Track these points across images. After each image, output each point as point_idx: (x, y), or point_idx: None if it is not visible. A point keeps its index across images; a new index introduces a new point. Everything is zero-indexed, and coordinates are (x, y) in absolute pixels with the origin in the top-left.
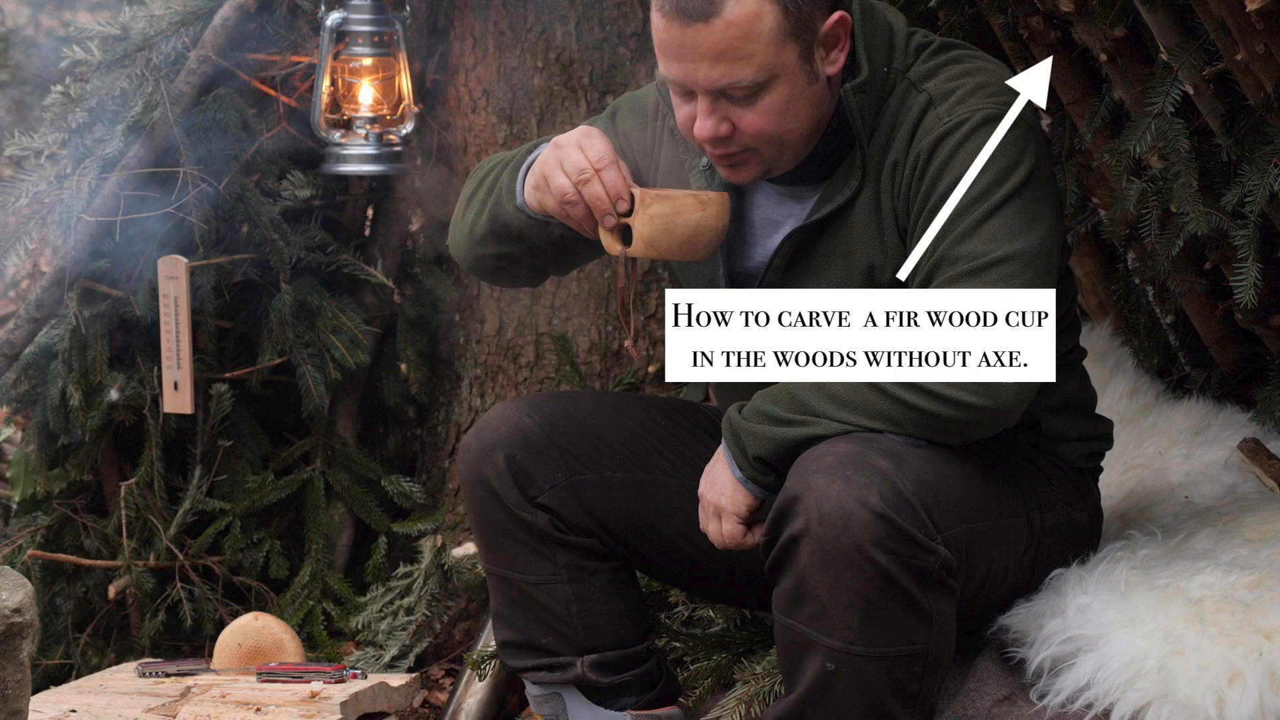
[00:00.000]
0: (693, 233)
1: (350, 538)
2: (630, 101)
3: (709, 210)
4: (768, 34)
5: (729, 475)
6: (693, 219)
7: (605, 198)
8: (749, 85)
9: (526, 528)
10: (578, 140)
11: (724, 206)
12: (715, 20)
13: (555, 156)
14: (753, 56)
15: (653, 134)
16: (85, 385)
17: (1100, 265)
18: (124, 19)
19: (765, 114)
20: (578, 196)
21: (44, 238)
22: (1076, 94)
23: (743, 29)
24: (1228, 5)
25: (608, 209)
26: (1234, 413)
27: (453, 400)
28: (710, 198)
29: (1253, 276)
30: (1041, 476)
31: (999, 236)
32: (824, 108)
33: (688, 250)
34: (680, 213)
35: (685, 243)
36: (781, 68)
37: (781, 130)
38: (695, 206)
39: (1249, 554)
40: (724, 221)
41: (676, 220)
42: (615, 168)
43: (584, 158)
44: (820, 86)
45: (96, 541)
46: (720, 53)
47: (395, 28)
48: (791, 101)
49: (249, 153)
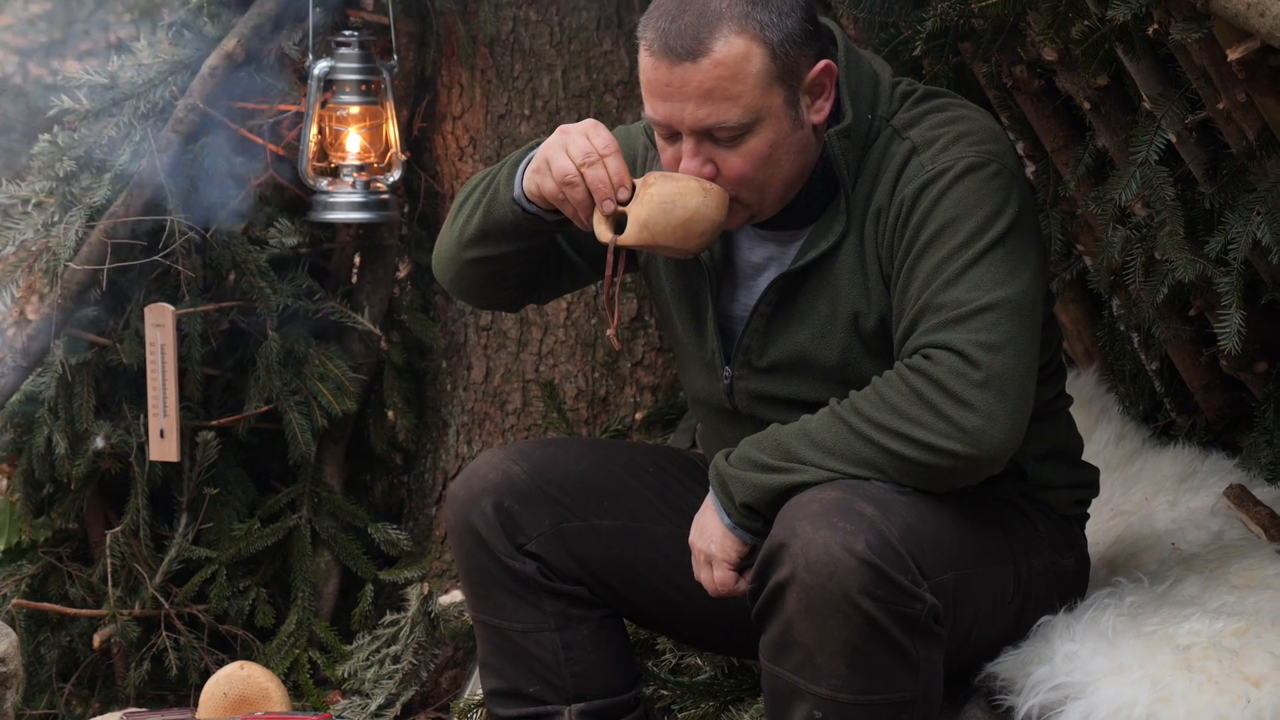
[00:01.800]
0: (690, 216)
1: (337, 585)
2: (622, 134)
3: (710, 199)
4: (755, 76)
5: (718, 522)
6: (693, 202)
7: (608, 181)
8: (734, 126)
9: (514, 575)
10: (585, 129)
11: (724, 200)
12: (703, 60)
13: (561, 141)
14: (739, 98)
15: (641, 162)
16: (71, 433)
17: (1085, 312)
18: (112, 68)
19: (749, 157)
20: (579, 178)
21: (31, 286)
22: (1060, 142)
23: (730, 70)
24: (1209, 54)
25: (609, 193)
26: (1220, 459)
27: (440, 447)
28: (712, 187)
29: (1236, 323)
30: (1028, 523)
31: (983, 284)
32: (808, 155)
33: (681, 236)
34: (682, 194)
35: (681, 226)
36: (767, 111)
37: (764, 175)
38: (698, 190)
39: (1236, 601)
40: (722, 215)
41: (677, 201)
42: (619, 157)
43: (590, 144)
44: (805, 134)
45: (81, 590)
46: (707, 93)
47: (382, 76)
48: (775, 146)
49: (236, 200)
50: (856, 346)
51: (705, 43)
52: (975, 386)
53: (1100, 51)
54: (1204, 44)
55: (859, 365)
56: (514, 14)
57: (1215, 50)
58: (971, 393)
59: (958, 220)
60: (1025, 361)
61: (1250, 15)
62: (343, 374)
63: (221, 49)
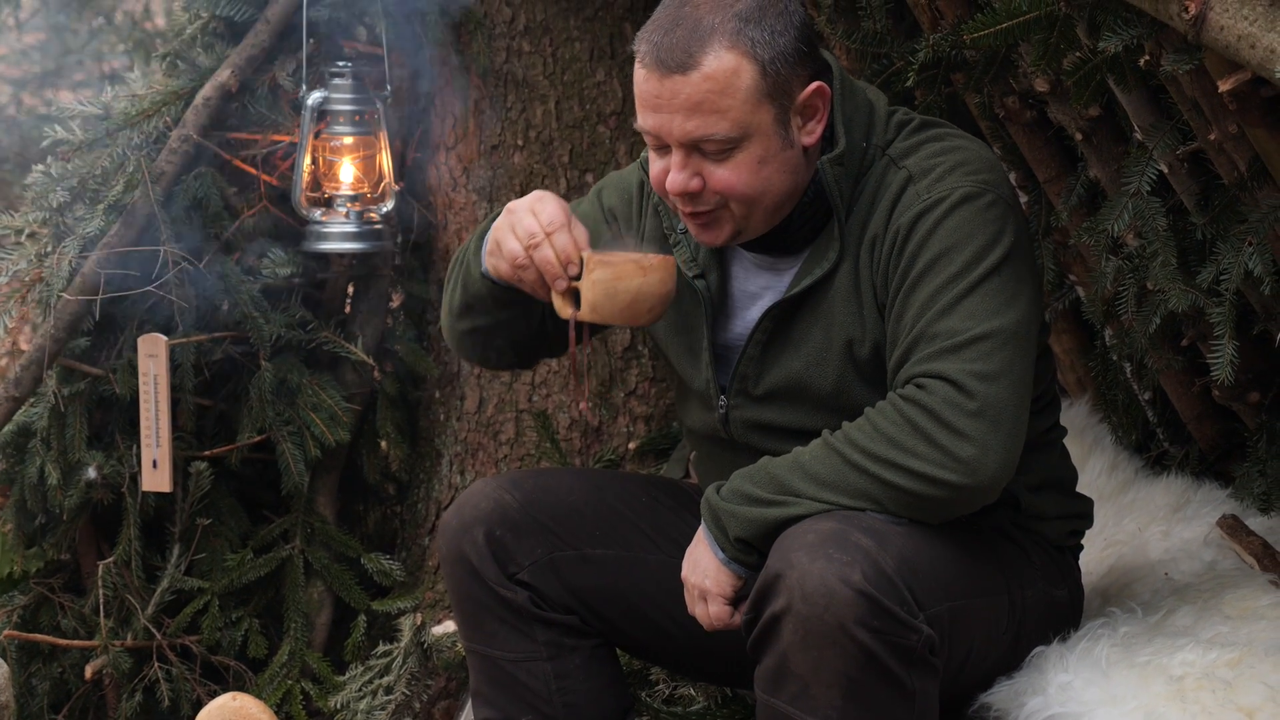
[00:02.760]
0: (634, 298)
1: (329, 616)
2: (615, 179)
3: (650, 276)
4: (744, 91)
5: (711, 557)
6: (633, 284)
7: (555, 261)
8: (722, 140)
9: (506, 605)
10: (530, 204)
11: (667, 272)
12: (693, 73)
13: (508, 221)
14: (728, 112)
15: (637, 209)
16: (64, 464)
17: (1078, 342)
18: (106, 99)
19: (737, 171)
20: (529, 261)
21: (24, 316)
22: (1052, 172)
23: (719, 84)
24: (1200, 86)
25: (558, 273)
26: (1213, 489)
27: (433, 477)
28: (653, 263)
29: (1229, 354)
30: (1022, 554)
31: (977, 314)
32: (798, 176)
33: (630, 315)
34: (621, 278)
35: (627, 308)
36: (756, 127)
37: (752, 190)
38: (636, 272)
39: (1229, 631)
40: (667, 287)
41: (618, 285)
42: (566, 231)
43: (535, 221)
44: (794, 154)
45: (73, 621)
46: (695, 105)
47: (376, 106)
48: (764, 163)
49: (230, 231)
50: (851, 374)
51: (696, 56)
52: (969, 416)
53: (1092, 83)
54: (1195, 75)
55: (854, 393)
56: (507, 45)
57: (1206, 82)
58: (966, 422)
59: (953, 249)
60: (1019, 391)
61: (1241, 47)
62: (336, 404)
63: (215, 80)
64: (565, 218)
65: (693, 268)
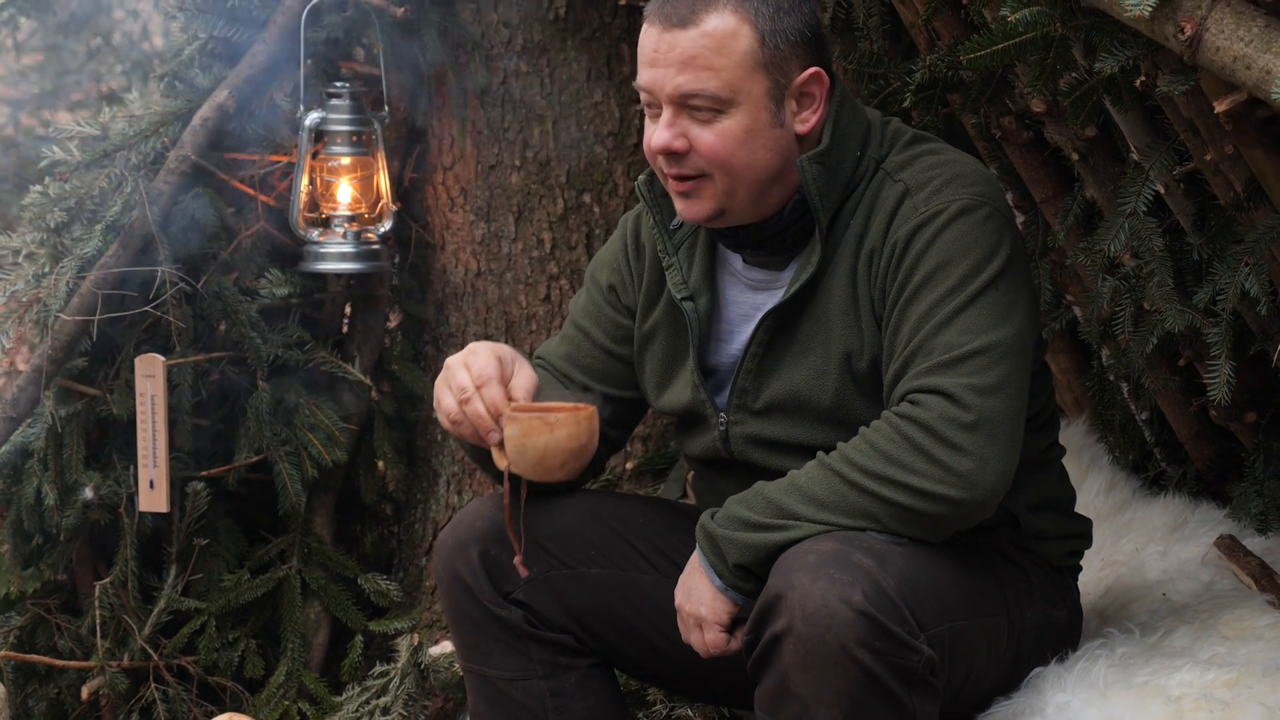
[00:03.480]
0: (542, 455)
1: (326, 636)
2: (603, 255)
3: (557, 432)
4: (740, 54)
5: (707, 584)
6: (539, 441)
7: (485, 416)
8: (710, 97)
9: (501, 623)
10: (464, 358)
11: (577, 426)
12: (692, 29)
13: (444, 377)
14: (720, 71)
15: (634, 265)
16: (61, 484)
17: (1075, 362)
18: (104, 119)
19: (722, 137)
20: (462, 415)
21: (21, 336)
22: (1049, 192)
23: (716, 41)
24: (1196, 107)
25: (489, 426)
26: (1210, 509)
27: (430, 497)
28: (560, 419)
29: (1226, 374)
30: (1021, 574)
31: (974, 328)
32: (784, 159)
33: (543, 471)
34: (527, 434)
35: (538, 465)
36: (746, 95)
37: (736, 161)
38: (541, 429)
39: (1227, 652)
40: (578, 442)
41: (524, 442)
42: (495, 384)
43: (467, 375)
44: (784, 135)
45: (70, 642)
46: (689, 59)
47: (374, 127)
48: (751, 133)
49: (227, 251)
50: (850, 388)
51: (699, 14)
52: (965, 430)
53: (1088, 103)
54: (1191, 96)
55: (853, 407)
56: (505, 65)
57: (1202, 102)
58: (962, 436)
59: (950, 263)
60: (1016, 404)
61: (1237, 68)
62: (333, 424)
63: (213, 100)
64: (496, 370)
65: (683, 290)
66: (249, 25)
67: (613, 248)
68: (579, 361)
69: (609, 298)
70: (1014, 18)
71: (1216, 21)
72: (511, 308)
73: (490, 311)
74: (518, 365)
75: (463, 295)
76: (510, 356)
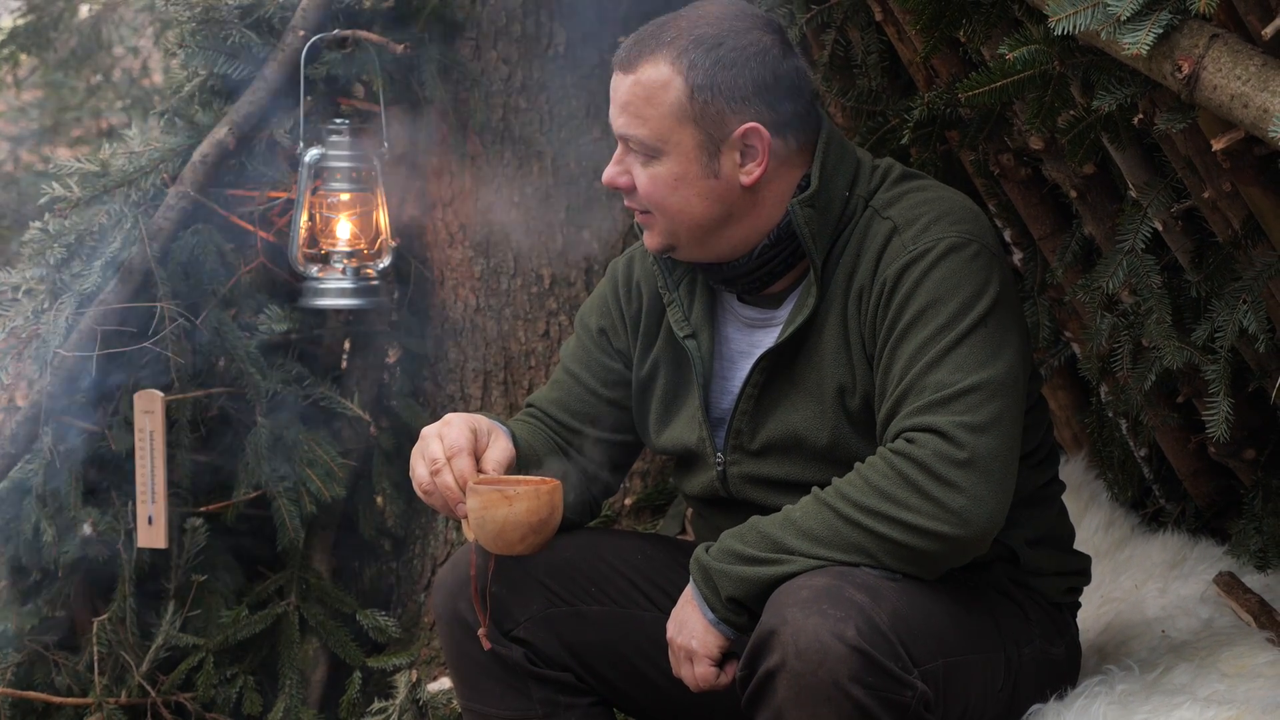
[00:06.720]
0: (501, 528)
1: (325, 673)
2: (592, 300)
3: (516, 505)
4: (668, 105)
5: (700, 618)
6: (499, 514)
7: (454, 487)
8: (640, 144)
9: (501, 662)
10: (438, 429)
11: (538, 500)
12: (630, 75)
13: (418, 447)
14: (648, 120)
15: (625, 305)
16: (59, 520)
17: (1074, 398)
18: (104, 155)
19: (654, 181)
20: (433, 486)
21: (20, 372)
22: (1047, 229)
23: (646, 91)
24: (1194, 145)
25: (457, 498)
26: (1209, 546)
27: (429, 533)
28: (520, 492)
29: (1224, 411)
30: (1018, 611)
31: (965, 366)
32: (727, 208)
33: (503, 544)
34: (487, 507)
35: (497, 538)
36: (675, 145)
37: (668, 205)
38: (500, 502)
39: (1226, 689)
40: (537, 517)
41: (484, 515)
42: (467, 456)
43: (439, 446)
44: (722, 185)
45: (68, 678)
46: (625, 104)
47: (373, 163)
48: (680, 181)
49: (226, 287)
50: (845, 426)
51: (638, 61)
52: (959, 467)
53: (1086, 140)
54: (1189, 134)
55: (849, 445)
56: (504, 101)
57: (1200, 140)
58: (956, 473)
59: (940, 301)
60: (1009, 441)
61: (1234, 106)
62: (332, 460)
63: (213, 137)
64: (468, 442)
65: (685, 327)
66: (249, 62)
67: (601, 292)
68: (570, 406)
69: (599, 341)
70: (1012, 56)
71: (1214, 60)
72: (510, 343)
73: (489, 347)
74: (494, 437)
75: (462, 330)
76: (486, 428)
